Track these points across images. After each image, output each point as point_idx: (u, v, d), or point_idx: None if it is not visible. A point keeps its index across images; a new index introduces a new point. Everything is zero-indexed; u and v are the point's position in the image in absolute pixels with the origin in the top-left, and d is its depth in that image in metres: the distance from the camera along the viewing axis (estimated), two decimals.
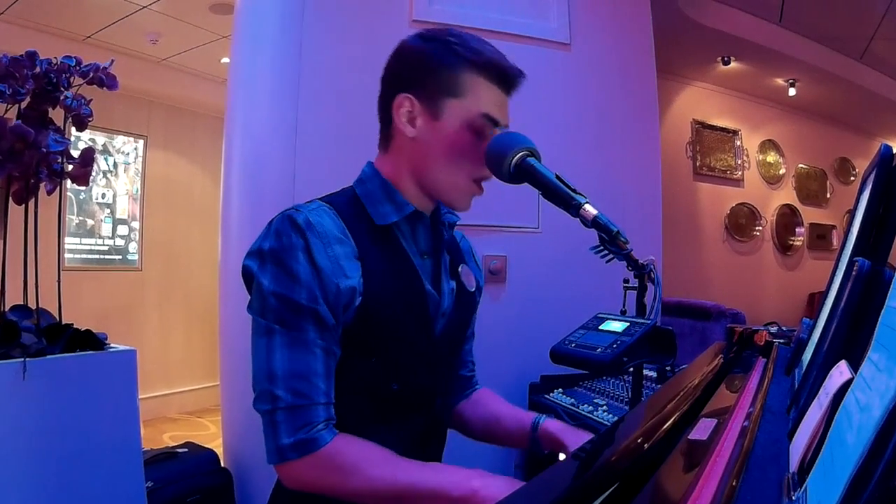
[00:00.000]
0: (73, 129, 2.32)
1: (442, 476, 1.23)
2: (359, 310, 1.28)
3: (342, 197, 1.41)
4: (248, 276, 1.30)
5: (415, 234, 1.44)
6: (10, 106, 2.09)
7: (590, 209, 1.26)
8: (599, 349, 1.27)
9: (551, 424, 1.51)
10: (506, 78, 1.38)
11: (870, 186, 1.04)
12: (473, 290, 1.58)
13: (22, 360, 1.98)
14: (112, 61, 2.31)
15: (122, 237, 6.78)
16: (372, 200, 1.38)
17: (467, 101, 1.34)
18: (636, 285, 1.43)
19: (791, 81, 7.18)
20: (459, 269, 1.54)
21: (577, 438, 1.42)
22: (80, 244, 6.42)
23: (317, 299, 1.23)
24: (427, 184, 1.39)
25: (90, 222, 6.50)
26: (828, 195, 8.56)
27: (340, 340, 1.29)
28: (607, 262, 1.37)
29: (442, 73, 1.35)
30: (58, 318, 2.25)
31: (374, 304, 1.30)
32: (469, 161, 1.36)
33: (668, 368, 2.63)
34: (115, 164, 6.74)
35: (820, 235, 8.37)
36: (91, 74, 2.25)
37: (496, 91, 1.37)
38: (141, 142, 6.92)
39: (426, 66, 1.37)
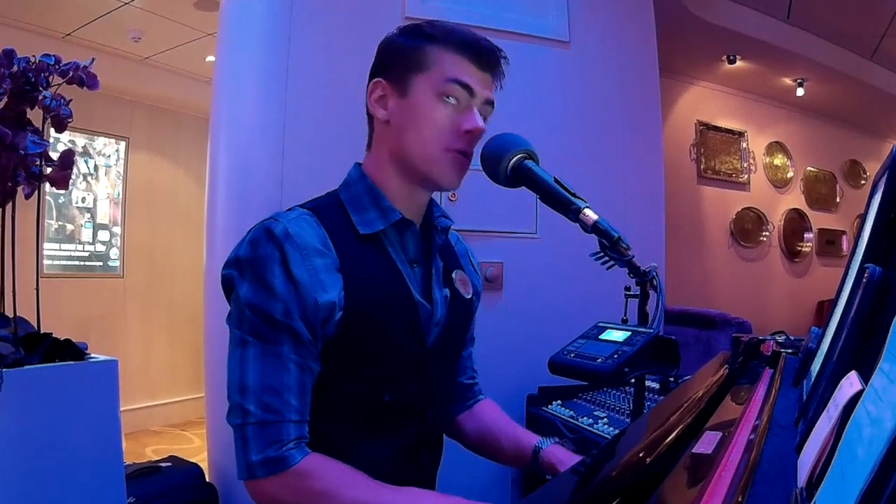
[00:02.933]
0: (52, 131, 2.31)
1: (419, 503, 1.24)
2: (341, 324, 1.28)
3: (326, 202, 1.41)
4: (226, 286, 1.32)
5: (402, 240, 1.43)
6: None
7: (590, 214, 1.27)
8: (600, 359, 1.27)
9: (554, 454, 1.51)
10: (475, 50, 1.37)
11: (881, 190, 1.05)
12: (470, 296, 1.57)
13: None
14: (93, 60, 2.31)
15: (102, 243, 6.76)
16: (356, 206, 1.38)
17: (433, 72, 1.35)
18: (638, 293, 1.43)
19: (799, 81, 7.19)
20: (453, 275, 1.53)
21: None
22: (60, 250, 6.41)
23: (291, 314, 1.23)
24: (406, 164, 1.39)
25: (70, 227, 6.49)
26: (837, 199, 8.57)
27: (324, 355, 1.30)
28: (608, 268, 1.37)
29: (407, 53, 1.38)
30: (36, 326, 2.25)
31: (359, 317, 1.30)
32: (441, 130, 1.35)
33: (671, 379, 2.63)
34: (96, 167, 6.73)
35: (829, 241, 8.39)
36: (71, 73, 2.24)
37: (466, 62, 1.36)
38: (123, 143, 6.91)
39: (394, 49, 1.41)
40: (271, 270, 1.23)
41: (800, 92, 7.34)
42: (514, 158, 1.31)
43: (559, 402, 3.09)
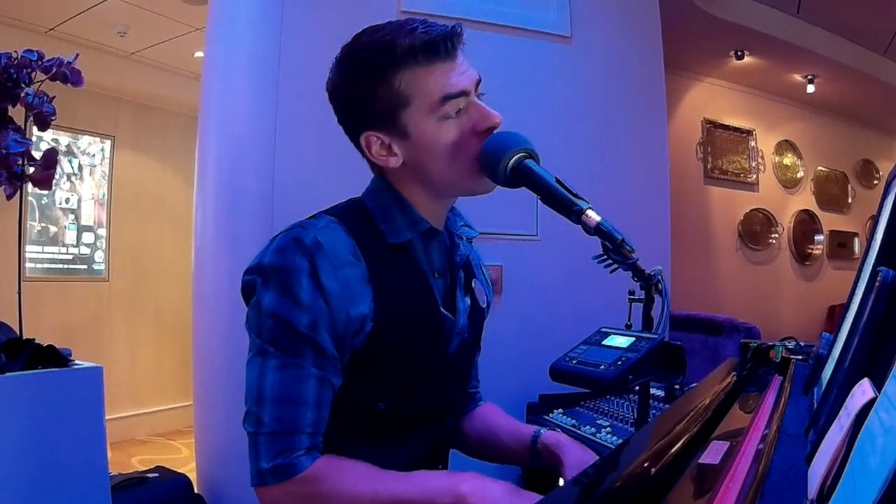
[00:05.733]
0: (35, 129, 2.31)
1: (428, 484, 1.25)
2: (370, 335, 1.29)
3: (351, 209, 1.40)
4: (247, 292, 1.32)
5: (428, 251, 1.44)
6: None
7: (592, 215, 1.27)
8: (603, 366, 1.27)
9: (550, 437, 1.52)
10: (437, 49, 1.29)
11: (894, 190, 1.05)
12: (485, 305, 1.61)
13: None
14: (77, 55, 2.31)
15: (87, 245, 6.75)
16: (385, 215, 1.38)
17: (419, 101, 1.30)
18: (642, 297, 1.43)
19: (810, 77, 7.20)
20: (473, 283, 1.56)
21: (574, 456, 1.43)
22: (43, 253, 6.38)
23: (317, 328, 1.24)
24: (440, 190, 1.39)
25: (53, 229, 6.47)
26: (849, 200, 8.59)
27: (347, 365, 1.31)
28: (611, 272, 1.37)
29: (379, 94, 1.30)
30: (18, 332, 2.25)
31: (387, 329, 1.31)
32: (461, 146, 1.33)
33: (676, 387, 2.63)
34: (80, 167, 6.71)
35: (841, 243, 8.39)
36: (54, 70, 2.25)
37: (438, 67, 1.30)
38: (108, 142, 6.89)
39: (360, 97, 1.32)
40: (299, 282, 1.24)
41: (810, 89, 7.34)
42: (514, 158, 1.30)
43: (561, 410, 3.08)
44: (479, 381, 1.78)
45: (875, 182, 8.83)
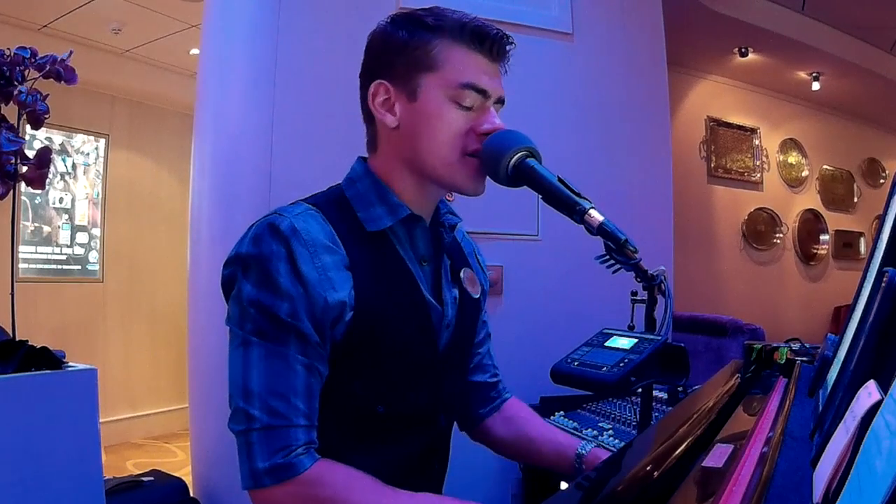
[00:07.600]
0: (28, 128, 2.31)
1: None
2: (351, 325, 1.27)
3: (329, 198, 1.39)
4: (227, 285, 1.30)
5: (412, 237, 1.42)
6: None
7: (595, 215, 1.26)
8: (605, 368, 1.27)
9: (598, 457, 1.51)
10: (485, 40, 1.34)
11: None
12: (478, 296, 1.58)
13: None
14: (71, 53, 2.31)
15: (81, 245, 6.75)
16: (362, 203, 1.36)
17: (444, 72, 1.32)
18: (645, 298, 1.43)
19: (815, 75, 7.20)
20: (461, 273, 1.53)
21: None
22: (36, 253, 6.39)
23: (298, 315, 1.21)
24: (423, 170, 1.37)
25: (46, 229, 6.47)
26: (855, 199, 8.59)
27: (330, 358, 1.28)
28: (614, 272, 1.37)
29: (411, 49, 1.34)
30: (11, 334, 2.24)
31: (369, 319, 1.28)
32: (457, 134, 1.33)
33: (679, 389, 2.63)
34: (74, 166, 6.71)
35: (846, 243, 8.40)
36: (48, 67, 2.25)
37: (477, 57, 1.34)
38: (102, 141, 6.90)
39: (394, 45, 1.36)
40: (276, 268, 1.22)
41: (815, 86, 7.34)
42: (516, 157, 1.30)
43: (562, 413, 3.08)
44: (497, 368, 1.75)
45: (881, 181, 8.82)
